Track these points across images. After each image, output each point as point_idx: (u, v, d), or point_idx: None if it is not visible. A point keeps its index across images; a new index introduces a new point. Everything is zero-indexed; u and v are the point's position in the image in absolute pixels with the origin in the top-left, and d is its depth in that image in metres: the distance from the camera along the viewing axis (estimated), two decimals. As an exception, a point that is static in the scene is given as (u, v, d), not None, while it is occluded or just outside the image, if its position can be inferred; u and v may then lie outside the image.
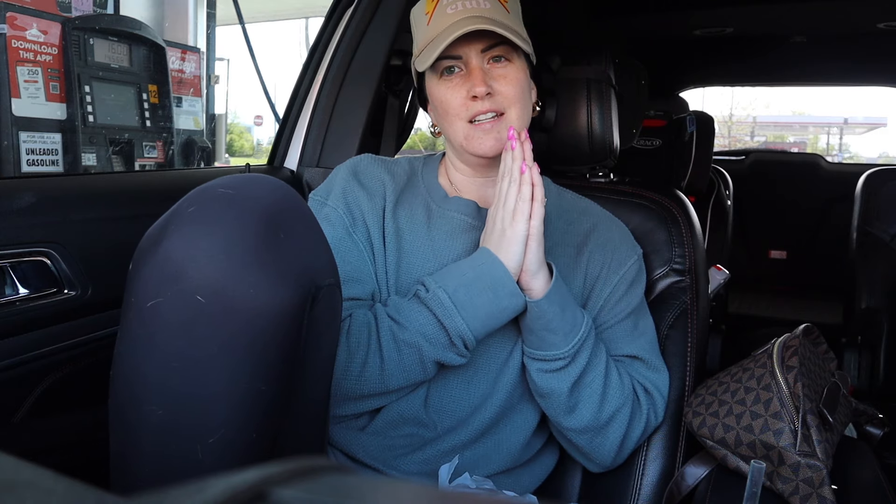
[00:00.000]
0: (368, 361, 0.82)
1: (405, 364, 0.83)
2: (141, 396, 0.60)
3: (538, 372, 0.88)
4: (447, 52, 0.86)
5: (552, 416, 0.91)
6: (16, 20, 2.37)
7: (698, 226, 1.12)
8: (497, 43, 0.86)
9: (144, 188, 1.13)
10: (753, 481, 0.68)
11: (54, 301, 0.91)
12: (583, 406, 0.88)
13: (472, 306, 0.81)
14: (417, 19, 0.92)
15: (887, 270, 1.83)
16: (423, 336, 0.82)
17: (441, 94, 0.89)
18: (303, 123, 1.43)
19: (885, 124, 20.80)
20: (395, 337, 0.82)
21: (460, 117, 0.88)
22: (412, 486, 0.25)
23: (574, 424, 0.89)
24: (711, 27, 2.05)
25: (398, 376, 0.83)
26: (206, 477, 0.20)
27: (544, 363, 0.87)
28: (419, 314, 0.82)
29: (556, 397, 0.88)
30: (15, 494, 0.18)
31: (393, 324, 0.83)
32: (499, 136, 0.87)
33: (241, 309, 0.59)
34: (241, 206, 0.61)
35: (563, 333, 0.85)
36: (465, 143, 0.88)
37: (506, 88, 0.87)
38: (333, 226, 0.91)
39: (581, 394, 0.88)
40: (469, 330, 0.82)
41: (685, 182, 2.33)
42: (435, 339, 0.82)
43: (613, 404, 0.89)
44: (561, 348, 0.86)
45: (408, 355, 0.82)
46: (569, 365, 0.86)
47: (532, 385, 0.90)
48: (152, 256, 0.60)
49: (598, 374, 0.88)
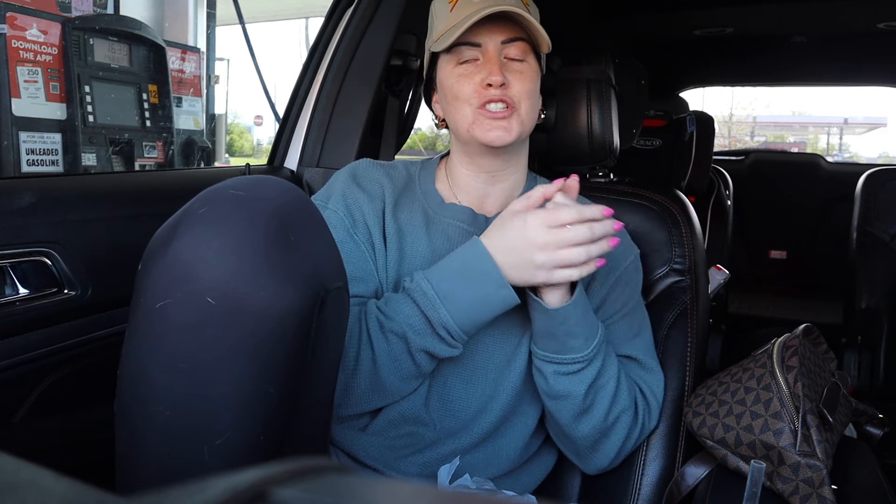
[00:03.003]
0: (361, 355, 0.82)
1: (394, 354, 0.82)
2: (148, 397, 0.60)
3: (554, 375, 0.86)
4: (467, 38, 0.86)
5: (563, 419, 0.89)
6: (16, 20, 2.37)
7: (698, 226, 1.12)
8: (517, 38, 0.87)
9: (144, 188, 1.13)
10: (753, 481, 0.68)
11: (54, 301, 0.91)
12: (595, 408, 0.88)
13: (455, 297, 0.80)
14: (439, 8, 0.92)
15: (887, 270, 1.83)
16: (409, 326, 0.81)
17: (454, 80, 0.89)
18: (303, 123, 1.43)
19: (885, 124, 20.79)
20: (382, 327, 0.82)
21: (470, 103, 0.88)
22: (412, 486, 0.25)
23: (584, 427, 0.89)
24: (711, 27, 2.05)
25: (390, 369, 0.82)
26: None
27: (562, 366, 0.86)
28: (405, 305, 0.82)
29: (572, 399, 0.87)
30: (15, 494, 0.18)
31: (381, 315, 0.83)
32: (508, 126, 0.87)
33: (250, 311, 0.59)
34: (252, 208, 0.61)
35: (584, 337, 0.85)
36: (471, 129, 0.88)
37: (520, 84, 0.87)
38: (335, 228, 0.91)
39: (595, 396, 0.87)
40: (452, 320, 0.80)
41: (685, 182, 2.33)
42: (420, 329, 0.81)
43: (621, 406, 0.90)
44: (582, 352, 0.85)
45: (395, 344, 0.82)
46: (586, 367, 0.86)
47: (546, 388, 0.88)
48: (162, 257, 0.60)
49: (612, 377, 0.88)
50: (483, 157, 0.93)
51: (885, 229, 1.85)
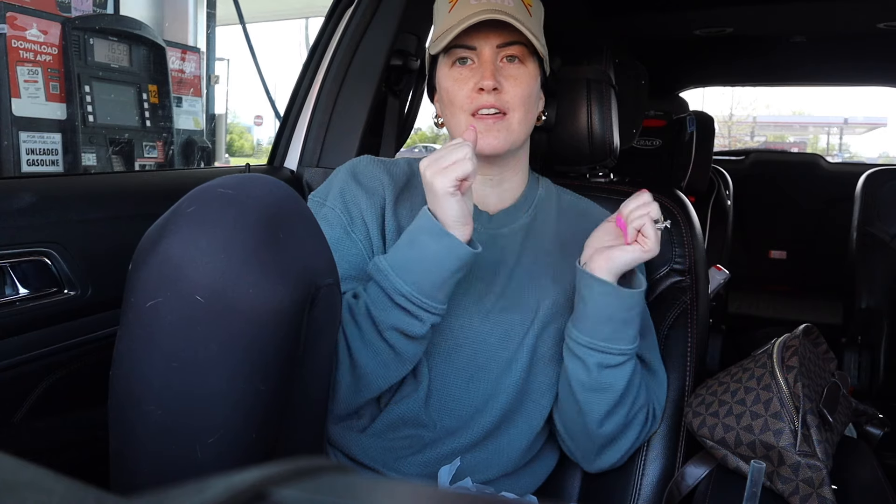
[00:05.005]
0: (338, 346, 0.80)
1: (367, 338, 0.80)
2: (140, 396, 0.60)
3: (598, 366, 0.86)
4: (463, 41, 0.86)
5: (595, 413, 0.88)
6: (16, 20, 2.37)
7: (698, 226, 1.12)
8: (513, 42, 0.87)
9: (144, 188, 1.13)
10: (753, 481, 0.68)
11: (54, 301, 0.91)
12: (624, 404, 0.88)
13: (405, 262, 0.79)
14: (440, 7, 0.92)
15: (887, 270, 1.83)
16: (372, 304, 0.80)
17: (449, 83, 0.89)
18: (303, 123, 1.43)
19: (885, 124, 20.81)
20: (351, 311, 0.81)
21: (464, 109, 0.88)
22: (411, 486, 0.25)
23: (610, 423, 0.89)
24: (711, 27, 2.05)
25: (364, 353, 0.81)
26: (205, 477, 0.21)
27: (607, 356, 0.85)
28: (369, 286, 0.81)
29: (611, 393, 0.87)
30: (15, 494, 0.18)
31: (351, 300, 0.82)
32: (498, 135, 0.87)
33: (240, 309, 0.59)
34: (241, 206, 0.61)
35: (637, 329, 0.86)
36: (465, 136, 0.88)
37: (514, 89, 0.87)
38: (332, 225, 0.91)
39: (628, 390, 0.88)
40: (405, 284, 0.78)
41: (685, 182, 2.33)
42: (381, 304, 0.79)
43: (640, 403, 0.91)
44: (633, 343, 0.86)
45: (365, 327, 0.80)
46: (629, 360, 0.87)
47: (585, 378, 0.87)
48: (152, 256, 0.60)
49: (640, 372, 0.90)
50: (480, 162, 0.93)
51: (885, 229, 1.85)
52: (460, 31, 0.84)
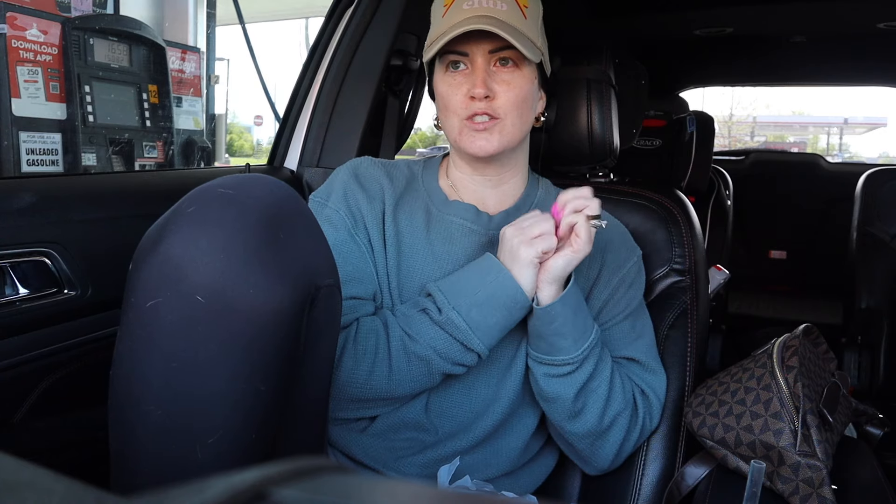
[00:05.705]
0: (376, 370, 0.82)
1: (414, 374, 0.83)
2: (140, 396, 0.60)
3: (545, 377, 0.87)
4: (455, 48, 0.86)
5: (556, 420, 0.91)
6: (16, 20, 2.37)
7: (698, 226, 1.12)
8: (506, 46, 0.86)
9: (144, 188, 1.13)
10: (753, 481, 0.68)
11: (54, 301, 0.91)
12: (587, 411, 0.88)
13: (486, 325, 0.82)
14: (436, 10, 0.92)
15: (887, 270, 1.83)
16: (435, 350, 0.82)
17: (444, 88, 0.88)
18: (303, 123, 1.43)
19: (885, 124, 20.82)
20: (406, 349, 0.83)
21: (457, 114, 0.87)
22: (411, 486, 0.25)
23: (577, 429, 0.89)
24: (711, 27, 2.05)
25: (405, 385, 0.84)
26: (205, 477, 0.20)
27: (552, 367, 0.86)
28: (432, 330, 0.83)
29: (562, 402, 0.87)
30: (15, 494, 0.18)
31: (405, 336, 0.83)
32: (490, 138, 0.87)
33: (240, 309, 0.59)
34: (241, 206, 0.61)
35: (573, 339, 0.85)
36: (458, 140, 0.88)
37: (506, 94, 0.86)
38: (336, 227, 0.91)
39: (587, 399, 0.88)
40: (485, 347, 0.83)
41: (685, 182, 2.33)
42: (447, 355, 0.83)
43: (615, 409, 0.90)
44: (570, 353, 0.85)
45: (417, 366, 0.83)
46: (576, 370, 0.86)
47: (537, 389, 0.89)
48: (152, 256, 0.60)
49: (604, 380, 0.88)
50: (476, 164, 0.93)
51: (885, 229, 1.85)
52: (447, 41, 0.83)
